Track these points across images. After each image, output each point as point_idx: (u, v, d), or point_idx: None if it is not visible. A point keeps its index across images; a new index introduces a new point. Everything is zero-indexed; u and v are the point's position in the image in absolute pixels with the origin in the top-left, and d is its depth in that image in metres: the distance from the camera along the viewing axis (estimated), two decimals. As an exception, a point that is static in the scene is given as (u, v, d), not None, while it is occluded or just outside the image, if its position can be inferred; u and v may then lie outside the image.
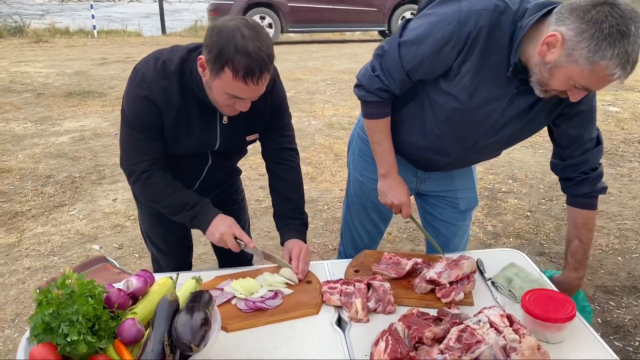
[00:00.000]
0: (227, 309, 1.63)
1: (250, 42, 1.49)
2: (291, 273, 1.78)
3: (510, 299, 1.70)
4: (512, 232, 4.02)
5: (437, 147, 1.89)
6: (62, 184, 5.14)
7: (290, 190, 2.00)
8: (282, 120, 1.94)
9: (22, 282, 3.46)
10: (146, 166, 1.78)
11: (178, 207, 1.82)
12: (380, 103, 1.81)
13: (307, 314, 1.63)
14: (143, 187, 1.82)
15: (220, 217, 1.82)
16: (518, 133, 1.79)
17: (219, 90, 1.59)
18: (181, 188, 1.84)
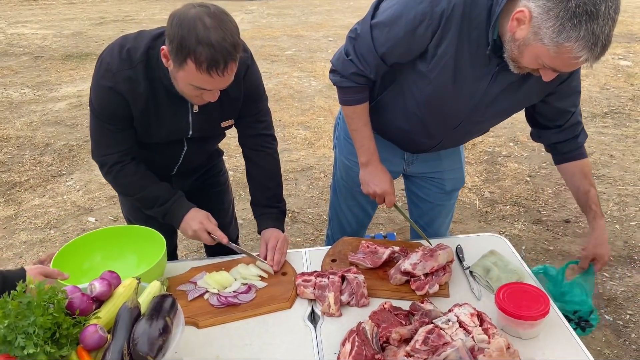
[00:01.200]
0: (199, 304, 1.62)
1: (213, 32, 1.41)
2: (267, 265, 1.76)
3: (487, 290, 1.67)
4: (509, 198, 3.97)
5: (421, 130, 1.82)
6: (59, 152, 5.13)
7: (267, 177, 1.96)
8: (258, 106, 1.87)
9: (19, 257, 3.50)
10: (117, 158, 1.74)
11: (150, 202, 1.79)
12: (355, 88, 1.74)
13: (280, 308, 1.61)
14: (115, 180, 1.79)
15: (192, 212, 1.79)
16: (505, 111, 1.72)
17: (184, 82, 1.53)
18: (154, 181, 1.80)
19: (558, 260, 3.20)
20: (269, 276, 1.74)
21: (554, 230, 3.54)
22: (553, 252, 3.29)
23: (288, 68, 7.41)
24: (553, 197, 3.98)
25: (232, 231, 2.37)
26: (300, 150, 4.87)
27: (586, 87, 6.30)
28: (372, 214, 2.26)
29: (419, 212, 2.19)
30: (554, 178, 4.24)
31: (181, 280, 1.73)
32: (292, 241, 3.49)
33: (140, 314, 1.30)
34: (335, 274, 1.65)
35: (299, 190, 4.15)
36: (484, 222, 3.67)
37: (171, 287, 1.71)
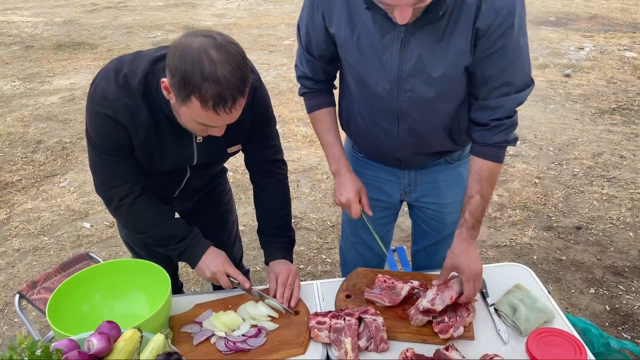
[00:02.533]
0: (205, 350, 1.50)
1: (220, 67, 1.26)
2: (278, 304, 1.64)
3: (514, 331, 1.56)
4: (518, 202, 3.85)
5: (377, 128, 1.70)
6: (52, 150, 4.97)
7: (277, 205, 1.83)
8: (267, 131, 1.73)
9: (11, 266, 3.37)
10: (127, 190, 1.59)
11: (165, 240, 1.65)
12: (309, 94, 1.76)
13: (293, 354, 1.50)
14: (126, 216, 1.65)
15: (211, 253, 1.67)
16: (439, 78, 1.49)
17: (187, 118, 1.39)
18: (168, 217, 1.68)
19: (571, 271, 3.10)
20: (280, 316, 1.62)
21: (565, 237, 3.43)
22: (565, 262, 3.19)
23: (287, 59, 7.22)
24: (563, 200, 3.87)
25: (236, 252, 2.25)
26: (301, 149, 4.73)
27: (592, 80, 6.17)
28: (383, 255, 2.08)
29: (423, 242, 2.05)
30: (563, 180, 4.13)
31: (185, 320, 1.61)
32: (295, 250, 3.36)
33: (144, 378, 1.19)
34: (352, 315, 1.54)
35: (301, 193, 4.02)
36: (494, 229, 3.56)
37: (175, 327, 1.59)
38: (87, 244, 3.57)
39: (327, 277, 3.10)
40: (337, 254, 3.33)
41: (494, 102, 1.52)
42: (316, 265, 3.20)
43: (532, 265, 3.16)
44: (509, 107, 1.53)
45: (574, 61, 6.88)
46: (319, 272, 3.16)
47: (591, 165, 4.29)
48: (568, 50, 7.31)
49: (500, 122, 1.54)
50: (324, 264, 3.24)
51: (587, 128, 5.00)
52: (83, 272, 1.61)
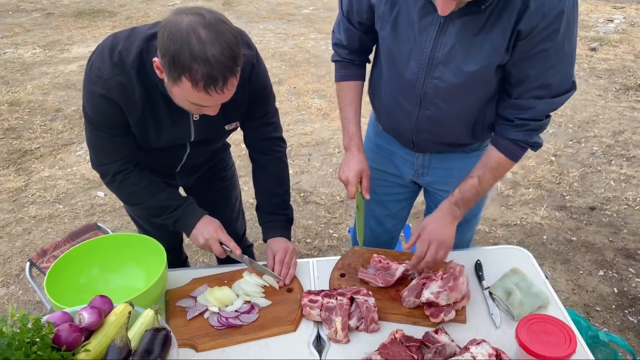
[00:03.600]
0: (198, 324, 1.53)
1: (209, 46, 1.24)
2: (272, 280, 1.65)
3: (507, 315, 1.55)
4: (532, 180, 3.79)
5: (397, 107, 1.67)
6: (70, 118, 5.04)
7: (276, 183, 1.83)
8: (265, 108, 1.72)
9: (27, 233, 3.46)
10: (119, 167, 1.61)
11: (159, 210, 1.68)
12: (341, 63, 1.75)
13: (284, 331, 1.51)
14: (119, 190, 1.67)
15: (205, 221, 1.68)
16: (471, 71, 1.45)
17: (180, 97, 1.38)
18: (162, 188, 1.69)
19: (581, 252, 3.05)
20: (273, 293, 1.63)
21: (578, 218, 3.37)
22: (576, 243, 3.14)
23: (304, 29, 7.12)
24: (579, 179, 3.79)
25: (239, 227, 2.27)
26: (315, 122, 4.70)
27: (620, 54, 5.96)
28: (395, 232, 2.09)
29: None
30: (581, 158, 4.03)
31: (181, 294, 1.64)
32: (303, 224, 3.39)
33: (130, 353, 1.21)
34: (344, 295, 1.54)
35: (312, 167, 4.01)
36: (505, 207, 3.51)
37: (170, 301, 1.62)
38: (100, 212, 3.64)
39: (333, 252, 3.12)
40: (345, 230, 3.34)
41: (527, 102, 1.48)
42: (323, 240, 3.21)
43: (541, 246, 3.12)
44: (540, 110, 1.48)
45: (601, 34, 6.63)
46: (325, 246, 3.17)
47: (611, 144, 4.18)
48: (596, 23, 7.04)
49: (525, 121, 1.50)
50: (331, 238, 3.25)
51: (610, 105, 4.85)
52: (82, 246, 1.64)
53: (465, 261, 1.69)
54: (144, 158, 1.71)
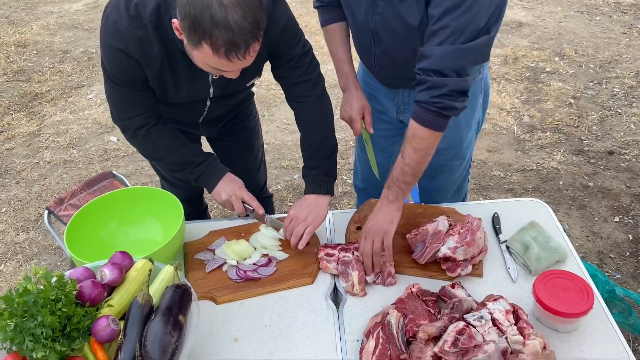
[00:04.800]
0: (217, 277, 1.55)
1: (231, 11, 1.18)
2: None
3: (523, 270, 1.55)
4: (550, 124, 3.71)
5: (360, 46, 1.71)
6: (78, 60, 4.97)
7: (309, 132, 1.73)
8: (291, 52, 1.61)
9: (43, 178, 3.50)
10: (141, 121, 1.59)
11: (181, 166, 1.67)
12: (323, 8, 1.74)
13: (301, 284, 1.53)
14: (141, 144, 1.66)
15: (227, 179, 1.67)
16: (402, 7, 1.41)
17: (200, 61, 1.33)
18: (185, 143, 1.67)
19: (597, 198, 3.03)
20: (290, 246, 1.64)
21: (595, 162, 3.32)
22: (592, 188, 3.11)
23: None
24: (598, 123, 3.70)
25: (260, 177, 2.25)
26: (327, 63, 4.57)
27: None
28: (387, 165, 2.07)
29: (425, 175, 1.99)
30: (601, 100, 3.92)
31: (199, 247, 1.66)
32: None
33: (152, 309, 1.24)
34: (361, 249, 1.54)
35: (325, 110, 3.95)
36: (521, 152, 3.46)
37: (188, 254, 1.64)
38: (114, 157, 3.65)
39: (346, 198, 3.12)
40: (359, 175, 3.32)
41: (428, 49, 1.35)
42: (336, 187, 3.21)
43: (557, 192, 3.10)
44: (439, 58, 1.33)
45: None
46: (338, 192, 3.17)
47: (633, 85, 4.04)
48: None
49: (426, 76, 1.37)
50: (344, 184, 3.24)
51: (634, 43, 4.66)
52: (99, 199, 1.65)
53: (482, 214, 1.68)
54: (165, 110, 1.69)
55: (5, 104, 4.33)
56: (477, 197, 3.08)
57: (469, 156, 1.94)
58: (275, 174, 3.35)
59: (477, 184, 3.18)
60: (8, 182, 3.48)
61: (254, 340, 1.39)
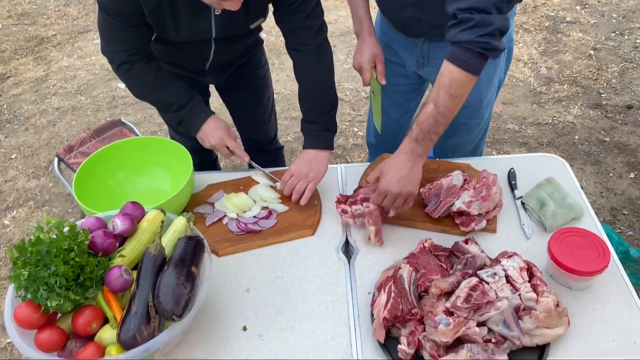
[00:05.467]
0: (217, 230, 1.55)
1: None
2: None
3: (538, 227, 1.53)
4: (568, 76, 3.60)
5: None
6: (84, 4, 4.85)
7: (308, 84, 1.68)
8: None
9: (52, 125, 3.48)
10: (126, 57, 1.56)
11: (164, 106, 1.64)
12: None
13: (302, 235, 1.53)
14: (125, 79, 1.62)
15: (211, 123, 1.61)
16: None
17: None
18: (169, 83, 1.61)
19: (613, 154, 2.97)
20: (290, 199, 1.62)
21: (613, 117, 3.24)
22: (609, 144, 3.05)
23: None
24: (618, 76, 3.59)
25: (270, 128, 2.21)
26: (339, 9, 4.45)
27: None
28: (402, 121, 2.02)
29: None
30: (622, 52, 3.79)
31: (198, 201, 1.65)
32: (328, 121, 3.32)
33: (165, 260, 1.23)
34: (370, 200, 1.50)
35: (336, 59, 3.84)
36: (537, 105, 3.38)
37: (188, 207, 1.62)
38: (123, 105, 3.60)
39: (357, 150, 3.08)
40: (370, 126, 3.27)
41: None
42: (347, 138, 3.16)
43: (572, 146, 3.04)
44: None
45: None
46: (349, 145, 3.13)
47: (657, 37, 3.90)
48: None
49: (469, 15, 1.27)
50: (355, 137, 3.20)
51: (661, -8, 4.46)
52: (107, 149, 1.63)
53: (498, 169, 1.65)
54: (170, 54, 1.65)
55: (12, 48, 4.26)
56: (490, 150, 3.03)
57: (488, 115, 1.89)
58: (286, 125, 3.30)
59: (490, 137, 3.13)
60: (17, 127, 3.47)
61: (265, 290, 1.40)
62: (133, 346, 1.11)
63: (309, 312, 1.34)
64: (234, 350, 1.28)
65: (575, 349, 1.23)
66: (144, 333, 1.12)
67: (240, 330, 1.32)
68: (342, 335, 1.29)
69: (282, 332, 1.30)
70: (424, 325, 1.24)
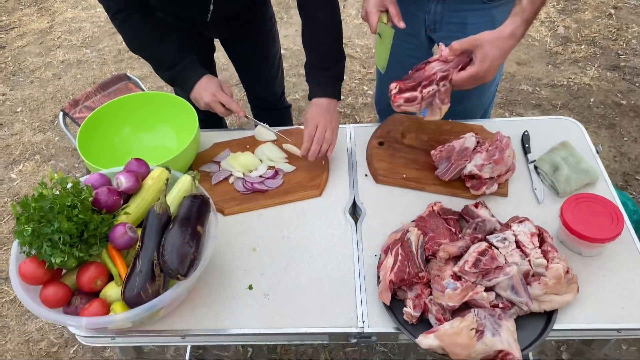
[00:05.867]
0: (224, 189, 1.53)
1: None
2: (294, 149, 1.60)
3: (551, 191, 1.50)
4: (586, 36, 3.48)
5: None
6: (88, -48, 4.70)
7: (322, 29, 1.59)
8: None
9: (57, 78, 3.43)
10: (121, 5, 1.51)
11: (157, 63, 1.59)
12: None
13: (309, 196, 1.51)
14: (120, 30, 1.58)
15: (204, 82, 1.56)
16: None
17: None
18: (163, 40, 1.56)
19: (629, 117, 2.90)
20: (296, 159, 1.59)
21: (630, 79, 3.14)
22: (625, 107, 2.97)
23: None
24: (638, 36, 3.46)
25: (277, 86, 2.15)
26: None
27: None
28: None
29: None
30: (644, 12, 3.65)
31: (204, 159, 1.62)
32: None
33: (170, 219, 1.22)
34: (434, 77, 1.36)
35: (347, 15, 3.74)
36: (552, 65, 3.29)
37: (194, 165, 1.60)
38: (129, 59, 3.54)
39: (366, 110, 3.02)
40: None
41: None
42: (357, 97, 3.10)
43: (587, 109, 2.96)
44: None
45: None
46: (358, 104, 3.07)
47: (681, -4, 3.75)
48: None
49: None
50: (365, 95, 3.13)
51: (689, -52, 4.26)
52: (112, 104, 1.59)
53: (511, 132, 1.60)
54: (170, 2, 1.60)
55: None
56: (502, 112, 2.97)
57: (498, 78, 1.83)
58: (294, 83, 3.24)
59: (503, 98, 3.05)
60: (22, 80, 3.43)
61: (271, 250, 1.39)
62: (138, 304, 1.10)
63: (315, 273, 1.33)
64: (239, 308, 1.27)
65: (583, 316, 1.22)
66: (149, 291, 1.11)
67: (246, 289, 1.31)
68: (347, 297, 1.28)
69: (287, 292, 1.30)
70: (430, 288, 1.23)
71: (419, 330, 1.18)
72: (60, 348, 2.09)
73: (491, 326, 1.14)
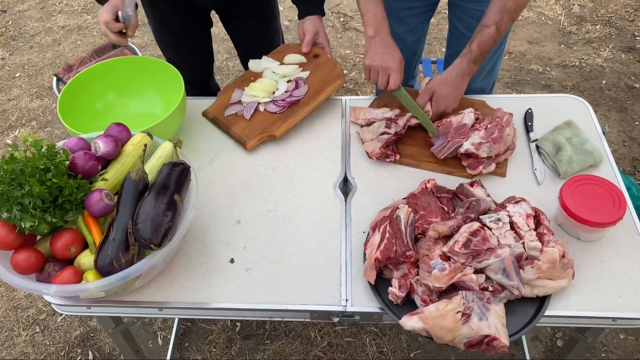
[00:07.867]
0: (260, 119, 1.55)
1: None
2: (297, 56, 1.67)
3: (552, 172, 1.43)
4: (602, 16, 3.36)
5: None
6: None
7: None
8: None
9: (57, 44, 3.37)
10: None
11: None
12: None
13: (336, 87, 1.58)
14: None
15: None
16: None
17: None
18: None
19: (641, 101, 2.80)
20: (305, 65, 1.65)
21: (646, 62, 3.03)
22: (638, 90, 2.86)
23: None
24: (656, 18, 3.33)
25: None
26: None
27: None
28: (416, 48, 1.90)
29: (458, 45, 1.77)
30: (664, -8, 3.51)
31: (223, 106, 1.61)
32: (341, 54, 3.16)
33: (147, 186, 1.17)
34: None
35: (355, -13, 3.63)
36: (565, 45, 3.17)
37: (217, 117, 1.58)
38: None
39: (369, 85, 2.94)
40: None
41: None
42: (360, 72, 3.01)
43: (598, 91, 2.86)
44: None
45: None
46: (362, 79, 2.98)
47: None
48: None
49: None
50: (369, 69, 3.05)
51: None
52: (96, 67, 1.53)
53: (514, 109, 1.52)
54: None
55: (17, -39, 4.09)
56: (510, 92, 2.87)
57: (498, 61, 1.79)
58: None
59: (512, 77, 2.96)
60: (22, 45, 3.37)
61: (256, 223, 1.34)
62: (110, 273, 1.06)
63: (300, 248, 1.28)
64: (219, 282, 1.23)
65: (577, 303, 1.16)
66: (122, 260, 1.07)
67: (228, 262, 1.27)
68: (331, 273, 1.23)
69: (270, 267, 1.25)
70: (418, 268, 1.18)
71: (404, 311, 1.13)
72: (48, 316, 2.07)
73: (479, 310, 1.09)
